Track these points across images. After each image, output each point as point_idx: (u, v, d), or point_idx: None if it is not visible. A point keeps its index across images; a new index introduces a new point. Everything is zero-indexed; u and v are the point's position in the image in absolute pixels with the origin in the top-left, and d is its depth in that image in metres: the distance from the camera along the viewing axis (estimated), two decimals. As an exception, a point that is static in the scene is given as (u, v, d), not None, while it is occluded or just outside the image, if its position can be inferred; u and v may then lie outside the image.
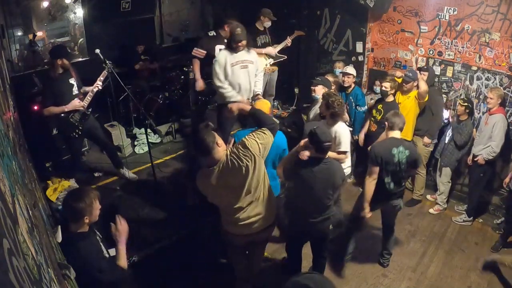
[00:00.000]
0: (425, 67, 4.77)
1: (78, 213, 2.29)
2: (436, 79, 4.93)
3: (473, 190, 4.62)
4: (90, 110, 4.31)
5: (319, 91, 4.28)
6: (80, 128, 4.26)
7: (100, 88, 4.23)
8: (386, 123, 3.64)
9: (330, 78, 4.67)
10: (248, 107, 3.21)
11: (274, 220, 3.04)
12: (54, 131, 4.91)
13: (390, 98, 4.61)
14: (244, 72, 4.33)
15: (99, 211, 2.43)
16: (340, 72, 5.13)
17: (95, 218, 2.40)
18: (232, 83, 4.31)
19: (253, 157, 2.66)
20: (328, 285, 1.43)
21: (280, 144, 3.47)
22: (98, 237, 2.49)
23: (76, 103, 4.15)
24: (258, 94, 4.51)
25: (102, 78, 4.20)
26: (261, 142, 2.72)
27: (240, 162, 2.64)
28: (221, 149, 2.66)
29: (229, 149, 2.73)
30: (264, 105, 3.49)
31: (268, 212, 2.91)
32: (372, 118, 4.77)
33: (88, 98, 4.22)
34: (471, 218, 4.66)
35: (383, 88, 4.60)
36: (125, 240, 2.49)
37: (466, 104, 4.39)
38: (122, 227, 2.49)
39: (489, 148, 4.21)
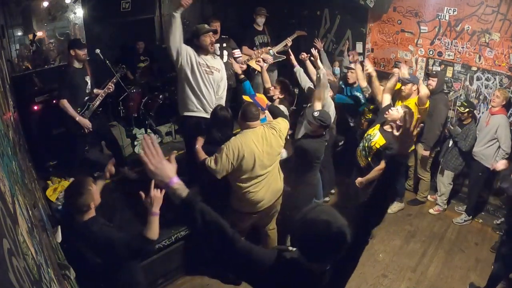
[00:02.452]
0: (434, 72, 4.66)
1: (84, 206, 2.35)
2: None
3: (472, 189, 4.63)
4: (100, 109, 4.42)
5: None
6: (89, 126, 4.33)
7: (111, 90, 4.37)
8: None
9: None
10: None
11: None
12: (55, 131, 4.91)
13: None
14: (209, 79, 3.78)
15: (99, 193, 2.53)
16: (345, 67, 5.17)
17: (98, 200, 2.49)
18: (193, 89, 3.76)
19: (283, 136, 3.39)
20: (339, 215, 1.55)
21: None
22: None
23: (86, 123, 4.20)
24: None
25: (114, 81, 4.35)
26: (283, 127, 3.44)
27: (280, 133, 3.33)
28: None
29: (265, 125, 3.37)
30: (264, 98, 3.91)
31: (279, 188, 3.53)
32: (364, 117, 4.79)
33: (100, 98, 4.33)
34: (471, 216, 4.68)
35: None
36: (158, 210, 2.34)
37: (467, 109, 4.35)
38: (156, 194, 2.33)
39: (500, 151, 4.18)
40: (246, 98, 3.66)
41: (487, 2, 4.28)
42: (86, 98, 4.28)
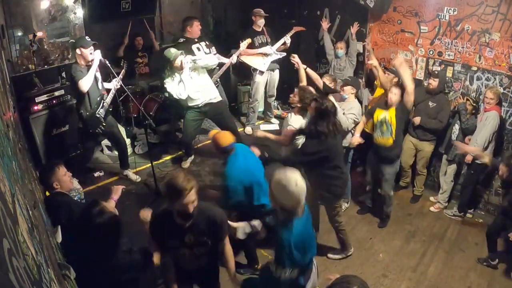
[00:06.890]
0: (436, 72, 4.70)
1: (46, 182, 2.75)
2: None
3: (464, 187, 4.69)
4: (111, 107, 4.49)
5: (347, 91, 4.41)
6: (104, 124, 4.36)
7: (118, 86, 4.48)
8: None
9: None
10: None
11: None
12: (65, 127, 4.92)
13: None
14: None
15: (69, 177, 2.83)
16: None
17: (66, 184, 2.78)
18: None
19: None
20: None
21: None
22: None
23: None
24: None
25: (121, 77, 4.46)
26: None
27: None
28: None
29: None
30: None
31: None
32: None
33: (111, 95, 4.38)
34: (462, 213, 4.74)
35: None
36: (116, 197, 2.83)
37: (474, 105, 4.44)
38: (118, 188, 2.87)
39: (474, 143, 4.25)
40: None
41: (487, 2, 4.28)
42: (99, 97, 4.27)
